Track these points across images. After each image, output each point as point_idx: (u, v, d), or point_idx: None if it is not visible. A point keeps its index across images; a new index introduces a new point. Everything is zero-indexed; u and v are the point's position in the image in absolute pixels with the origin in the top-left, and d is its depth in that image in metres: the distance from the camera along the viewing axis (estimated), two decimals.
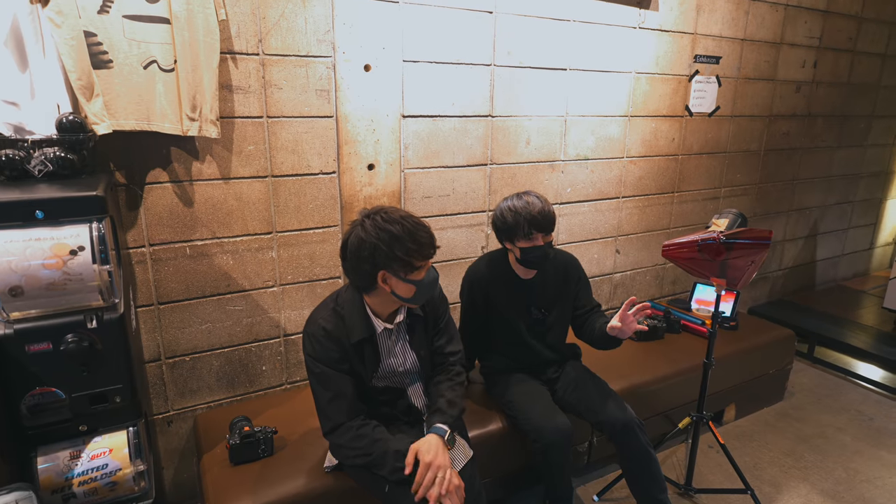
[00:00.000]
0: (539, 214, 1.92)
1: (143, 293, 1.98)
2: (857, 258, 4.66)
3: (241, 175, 2.03)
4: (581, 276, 2.15)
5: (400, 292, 1.56)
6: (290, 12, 1.97)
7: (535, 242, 1.96)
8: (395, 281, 1.54)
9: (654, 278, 3.37)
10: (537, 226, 1.93)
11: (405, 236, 1.48)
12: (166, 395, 2.11)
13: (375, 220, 1.50)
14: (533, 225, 1.92)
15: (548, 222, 1.93)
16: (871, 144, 4.27)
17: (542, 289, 2.10)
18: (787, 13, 3.34)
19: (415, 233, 1.50)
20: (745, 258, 1.98)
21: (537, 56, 2.54)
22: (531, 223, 1.92)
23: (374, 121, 2.22)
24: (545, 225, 1.93)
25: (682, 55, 2.98)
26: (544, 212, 1.92)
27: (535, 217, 1.92)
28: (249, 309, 2.17)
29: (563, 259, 2.15)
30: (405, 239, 1.49)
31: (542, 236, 1.95)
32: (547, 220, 1.93)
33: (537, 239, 1.95)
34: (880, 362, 3.38)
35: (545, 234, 1.95)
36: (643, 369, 2.53)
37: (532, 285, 2.10)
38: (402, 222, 1.50)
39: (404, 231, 1.49)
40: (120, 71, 1.72)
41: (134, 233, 1.91)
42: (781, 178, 3.76)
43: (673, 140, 3.11)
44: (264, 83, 1.99)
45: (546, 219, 1.92)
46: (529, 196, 1.95)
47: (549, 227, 1.94)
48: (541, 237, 1.95)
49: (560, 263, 2.13)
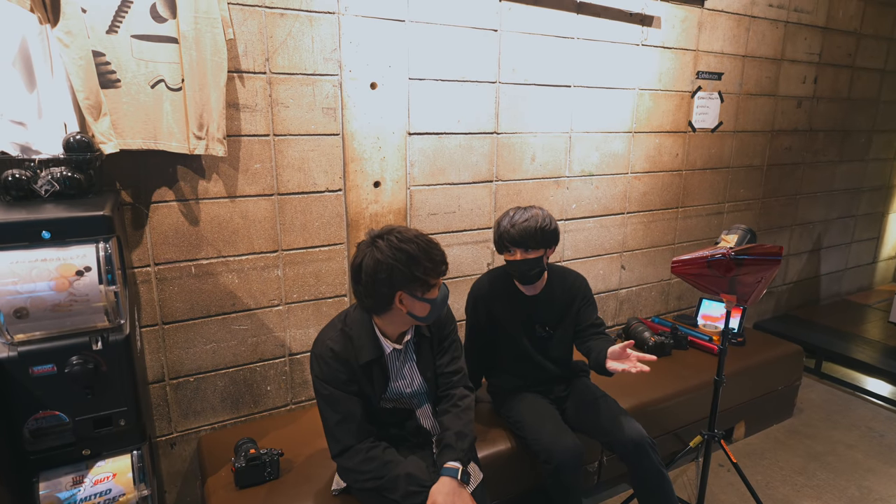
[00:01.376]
0: (512, 228, 1.89)
1: (148, 313, 1.95)
2: (860, 272, 4.65)
3: (247, 193, 2.02)
4: (587, 296, 2.11)
5: (415, 312, 1.54)
6: (298, 31, 1.98)
7: (513, 256, 1.94)
8: (412, 301, 1.52)
9: (660, 294, 3.35)
10: (511, 240, 1.90)
11: (421, 255, 1.47)
12: (170, 416, 2.07)
13: (390, 241, 1.48)
14: (506, 239, 1.91)
15: (523, 237, 1.88)
16: (872, 159, 4.28)
17: (547, 306, 2.07)
18: (788, 30, 3.37)
19: (429, 251, 1.49)
20: (755, 274, 1.97)
21: (542, 73, 2.55)
22: (505, 236, 1.91)
23: (380, 138, 2.22)
24: (519, 240, 1.89)
25: (684, 71, 3.00)
26: (520, 226, 1.88)
27: (509, 231, 1.90)
28: (254, 328, 2.15)
29: (570, 278, 2.12)
30: (422, 258, 1.47)
31: (520, 251, 1.92)
32: (523, 235, 1.88)
33: (515, 253, 1.93)
34: (888, 377, 3.35)
35: (524, 250, 1.91)
36: (652, 387, 2.50)
37: (536, 302, 2.08)
38: (417, 241, 1.48)
39: (420, 250, 1.47)
40: (128, 90, 1.72)
41: (139, 252, 1.90)
42: (784, 192, 3.76)
43: (676, 156, 3.12)
44: (271, 101, 1.99)
45: (521, 234, 1.88)
46: (522, 210, 1.93)
47: (526, 242, 1.89)
48: (519, 252, 1.92)
49: (567, 282, 2.10)
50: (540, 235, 1.90)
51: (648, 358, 1.78)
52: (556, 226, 1.95)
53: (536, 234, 1.89)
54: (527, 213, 1.92)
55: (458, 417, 1.68)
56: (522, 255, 1.92)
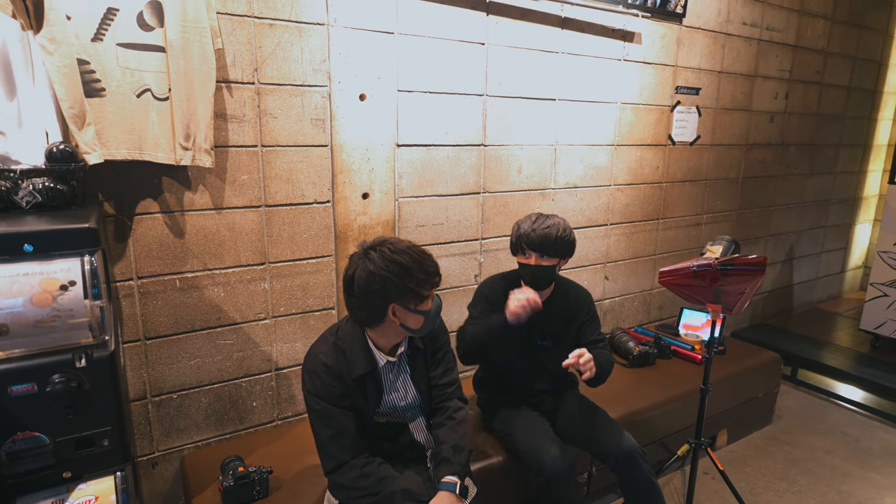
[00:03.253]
0: (533, 232, 1.91)
1: (130, 328, 1.89)
2: (830, 281, 4.80)
3: (234, 205, 1.98)
4: (591, 311, 2.12)
5: (409, 324, 1.52)
6: (287, 42, 1.96)
7: (528, 260, 1.95)
8: (405, 313, 1.50)
9: (642, 304, 3.40)
10: (529, 243, 1.92)
11: (415, 266, 1.46)
12: (152, 434, 2.01)
13: (383, 252, 1.46)
14: (525, 241, 1.93)
15: (541, 243, 1.90)
16: (839, 172, 4.44)
17: (550, 315, 2.06)
18: (760, 47, 3.49)
19: (423, 262, 1.48)
20: (739, 284, 2.01)
21: (528, 87, 2.57)
22: (523, 238, 1.93)
23: (369, 150, 2.20)
24: (537, 245, 1.91)
25: (664, 86, 3.07)
26: (541, 231, 1.90)
27: (529, 234, 1.92)
28: (240, 343, 2.10)
29: (576, 291, 2.12)
30: (415, 269, 1.46)
31: (535, 256, 1.93)
32: (542, 240, 1.90)
33: (530, 257, 1.94)
34: (861, 383, 3.45)
35: (539, 255, 1.93)
36: (639, 396, 2.53)
37: (541, 311, 2.07)
38: (410, 252, 1.47)
39: (413, 261, 1.46)
40: (113, 99, 1.68)
41: (121, 265, 1.84)
42: (759, 204, 3.87)
43: (657, 168, 3.18)
44: (259, 112, 1.97)
45: (541, 239, 1.90)
46: (545, 217, 1.95)
47: (543, 248, 1.91)
48: (534, 256, 1.93)
49: (572, 295, 2.11)
50: (559, 244, 1.92)
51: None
52: (574, 237, 1.97)
53: (556, 243, 1.91)
54: (549, 220, 1.94)
55: (453, 430, 1.66)
56: (537, 261, 1.94)
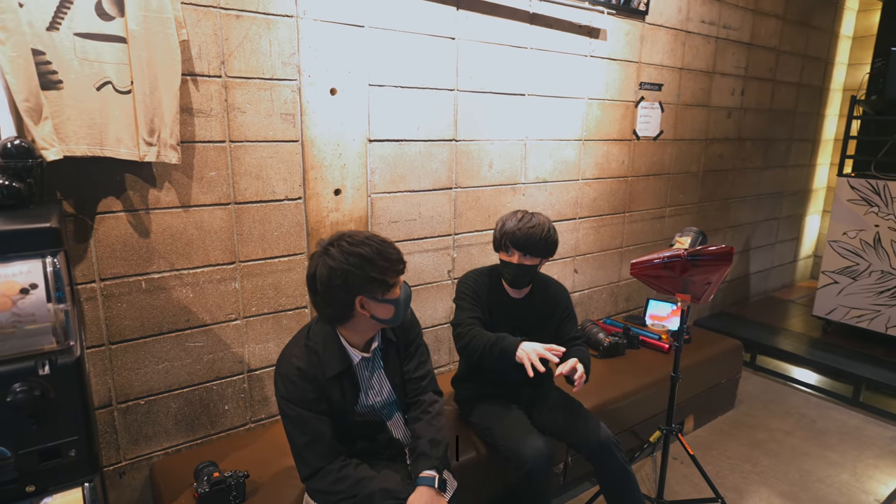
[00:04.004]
0: (518, 231, 1.92)
1: (93, 333, 1.81)
2: (783, 270, 5.01)
3: (202, 202, 1.92)
4: (568, 308, 2.15)
5: (379, 315, 1.51)
6: (254, 34, 1.91)
7: (510, 258, 1.97)
8: (373, 304, 1.49)
9: (610, 296, 3.47)
10: (513, 241, 1.93)
11: (375, 256, 1.44)
12: (118, 443, 1.92)
13: (341, 246, 1.44)
14: (509, 239, 1.94)
15: (526, 242, 1.92)
16: (791, 165, 4.63)
17: (527, 312, 2.09)
18: (718, 45, 3.60)
19: (383, 251, 1.47)
20: (707, 274, 2.07)
21: (498, 82, 2.58)
22: (508, 236, 1.94)
23: (341, 145, 2.17)
24: (522, 243, 1.93)
25: (629, 82, 3.13)
26: (526, 231, 1.91)
27: (514, 233, 1.93)
28: (211, 345, 2.03)
29: (554, 288, 2.15)
30: (376, 259, 1.44)
31: (518, 255, 1.95)
32: (527, 239, 1.92)
33: (513, 255, 1.96)
34: (814, 367, 3.62)
35: (522, 254, 1.95)
36: (610, 386, 2.58)
37: (518, 305, 2.09)
38: (369, 243, 1.46)
39: (373, 251, 1.45)
40: (71, 92, 1.59)
41: (83, 267, 1.75)
42: (718, 197, 4.00)
43: (623, 163, 3.25)
44: (227, 106, 1.91)
45: (526, 238, 1.92)
46: (530, 215, 1.96)
47: (527, 247, 1.93)
48: (517, 255, 1.95)
49: (550, 291, 2.13)
50: (542, 245, 1.94)
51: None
52: (557, 237, 1.99)
53: (539, 243, 1.93)
54: (534, 219, 1.94)
55: (430, 424, 1.66)
56: (520, 259, 1.95)
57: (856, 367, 3.41)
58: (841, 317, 3.86)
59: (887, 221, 3.57)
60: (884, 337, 3.66)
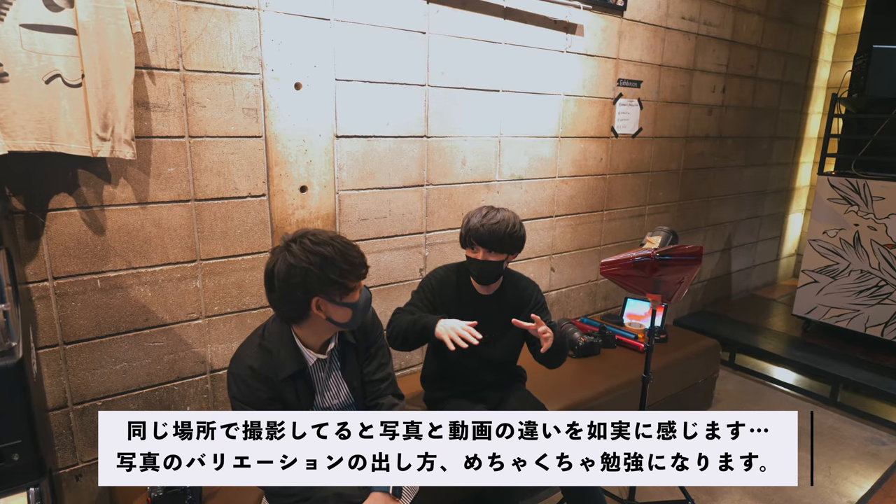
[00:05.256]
0: (482, 227, 1.87)
1: (46, 332, 1.76)
2: (765, 269, 5.01)
3: (160, 199, 1.87)
4: (539, 301, 2.10)
5: (336, 318, 1.47)
6: (214, 26, 1.86)
7: (476, 255, 1.92)
8: (330, 306, 1.45)
9: (588, 295, 3.45)
10: (477, 237, 1.88)
11: (337, 257, 1.40)
12: (74, 445, 1.88)
13: (304, 244, 1.40)
14: (473, 235, 1.89)
15: (490, 238, 1.87)
16: (774, 163, 4.63)
17: (496, 308, 2.04)
18: (699, 41, 3.58)
19: (346, 253, 1.43)
20: (677, 274, 2.05)
21: (471, 77, 2.55)
22: (472, 233, 1.89)
23: (307, 141, 2.13)
24: (486, 240, 1.87)
25: (606, 79, 3.10)
26: (490, 227, 1.86)
27: (477, 229, 1.87)
28: (171, 344, 1.99)
29: (523, 283, 2.11)
30: (338, 260, 1.40)
31: (483, 251, 1.90)
32: (491, 235, 1.86)
33: (478, 252, 1.91)
34: (793, 366, 3.61)
35: (487, 251, 1.90)
36: (583, 386, 2.56)
37: (486, 301, 2.05)
38: (332, 243, 1.42)
39: (336, 252, 1.40)
40: (18, 85, 1.54)
41: (34, 265, 1.71)
42: (699, 195, 3.99)
43: (601, 160, 3.22)
44: (185, 101, 1.86)
45: (490, 234, 1.86)
46: (495, 211, 1.90)
47: (491, 243, 1.88)
48: (482, 251, 1.90)
49: (520, 287, 2.09)
50: (507, 240, 1.88)
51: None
52: (523, 233, 1.94)
53: (504, 239, 1.87)
54: (498, 214, 1.89)
55: None
56: (485, 256, 1.90)
57: (834, 367, 3.40)
58: (821, 316, 3.86)
59: (867, 220, 3.57)
60: (863, 336, 3.67)
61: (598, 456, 1.36)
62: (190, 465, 1.29)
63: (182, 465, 1.29)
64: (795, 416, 1.35)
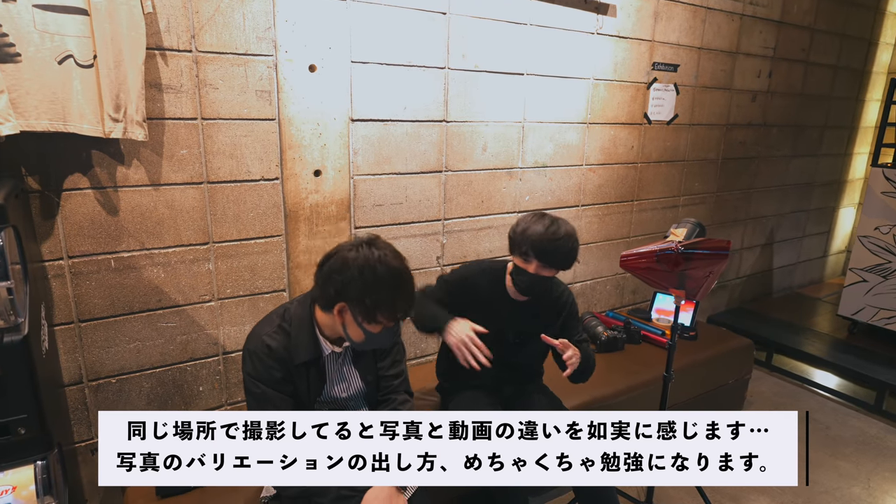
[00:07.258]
0: (545, 240, 1.72)
1: (62, 310, 1.80)
2: (811, 266, 4.74)
3: (172, 181, 1.88)
4: (573, 311, 2.00)
5: (349, 332, 1.44)
6: (227, 7, 1.84)
7: (527, 266, 1.78)
8: (349, 319, 1.42)
9: (615, 288, 3.33)
10: (536, 250, 1.74)
11: (384, 285, 1.36)
12: (90, 420, 1.93)
13: (372, 252, 1.37)
14: (531, 245, 1.74)
15: (552, 255, 1.73)
16: (824, 154, 4.35)
17: (528, 313, 1.94)
18: (744, 23, 3.37)
19: (397, 289, 1.38)
20: (703, 269, 1.93)
21: (493, 60, 2.46)
22: (531, 243, 1.74)
23: (321, 124, 2.10)
24: (545, 254, 1.73)
25: (640, 62, 2.96)
26: (555, 244, 1.71)
27: (539, 241, 1.72)
28: (184, 325, 2.01)
29: (559, 289, 1.99)
30: (383, 288, 1.36)
31: (537, 264, 1.76)
32: (553, 252, 1.72)
33: (531, 264, 1.77)
34: (835, 369, 3.41)
35: (541, 265, 1.76)
36: (604, 382, 2.46)
37: (518, 307, 1.94)
38: (395, 275, 1.37)
39: (389, 278, 1.36)
40: (30, 65, 1.56)
41: (50, 244, 1.74)
42: (738, 186, 3.78)
43: (632, 148, 3.08)
44: (198, 82, 1.85)
45: (552, 250, 1.72)
46: (557, 224, 1.76)
47: (551, 260, 1.74)
48: (535, 264, 1.76)
49: (555, 293, 1.97)
50: (566, 259, 1.77)
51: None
52: (579, 250, 1.82)
53: (564, 257, 1.75)
54: (562, 228, 1.75)
55: None
56: (537, 269, 1.77)
57: (880, 373, 3.19)
58: (868, 318, 3.62)
59: None
60: None
61: (598, 456, 1.32)
62: (190, 465, 1.28)
63: (182, 465, 1.28)
64: (795, 416, 1.32)
